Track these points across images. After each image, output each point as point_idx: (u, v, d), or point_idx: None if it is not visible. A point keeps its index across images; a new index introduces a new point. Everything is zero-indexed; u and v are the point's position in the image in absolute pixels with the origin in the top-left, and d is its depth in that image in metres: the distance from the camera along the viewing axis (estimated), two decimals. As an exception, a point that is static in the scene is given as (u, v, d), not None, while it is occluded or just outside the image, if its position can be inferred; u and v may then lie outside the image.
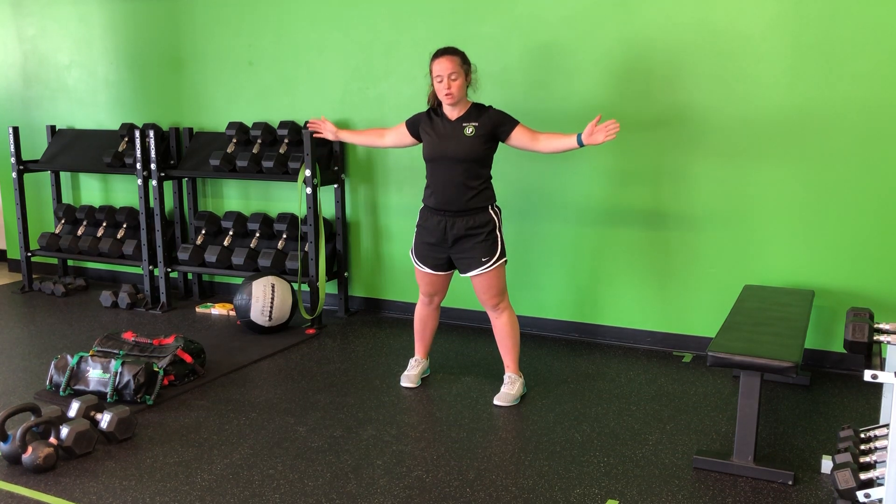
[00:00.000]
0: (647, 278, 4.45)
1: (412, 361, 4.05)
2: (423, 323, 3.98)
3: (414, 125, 3.75)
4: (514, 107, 4.54)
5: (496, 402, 3.72)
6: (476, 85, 3.69)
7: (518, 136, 3.61)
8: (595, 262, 4.56)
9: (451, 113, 3.62)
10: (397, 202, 5.05)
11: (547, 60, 4.47)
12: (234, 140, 5.28)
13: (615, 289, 4.55)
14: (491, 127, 3.59)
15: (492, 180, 3.69)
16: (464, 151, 3.56)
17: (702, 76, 4.14)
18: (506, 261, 3.70)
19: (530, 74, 4.52)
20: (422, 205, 3.76)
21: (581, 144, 3.53)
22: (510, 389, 3.75)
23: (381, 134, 3.94)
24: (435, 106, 3.70)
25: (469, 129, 3.56)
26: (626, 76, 4.29)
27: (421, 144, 3.75)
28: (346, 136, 4.06)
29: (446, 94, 3.53)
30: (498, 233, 3.66)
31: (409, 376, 3.97)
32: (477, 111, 3.62)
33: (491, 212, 3.65)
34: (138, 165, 5.29)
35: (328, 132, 4.08)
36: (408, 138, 3.80)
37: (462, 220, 3.60)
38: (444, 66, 3.53)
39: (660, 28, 4.18)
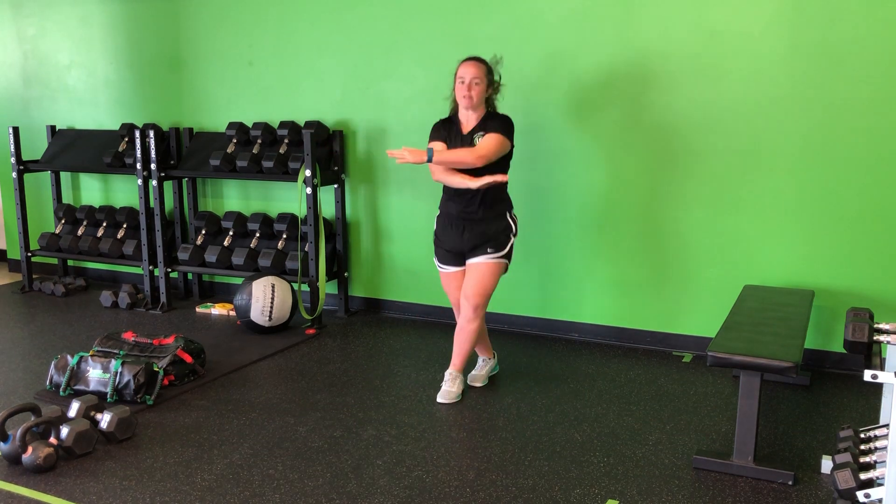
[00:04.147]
0: (648, 278, 4.45)
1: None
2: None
3: (439, 134, 3.70)
4: (514, 107, 4.55)
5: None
6: (495, 100, 3.70)
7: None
8: (594, 263, 4.56)
9: (467, 120, 3.65)
10: (397, 202, 5.05)
11: (547, 61, 4.47)
12: (234, 140, 5.28)
13: (615, 289, 4.54)
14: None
15: (507, 188, 3.70)
16: None
17: (701, 76, 4.14)
18: (507, 266, 3.72)
19: (530, 74, 4.51)
20: (437, 212, 3.78)
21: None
22: (451, 386, 3.77)
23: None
24: (453, 113, 3.72)
25: (478, 139, 3.59)
26: (625, 76, 4.29)
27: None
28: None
29: (464, 97, 3.57)
30: (511, 236, 3.68)
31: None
32: (488, 118, 3.63)
33: (508, 218, 3.68)
34: (138, 165, 5.29)
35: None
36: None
37: (478, 227, 3.63)
38: (469, 70, 3.58)
39: (659, 28, 4.18)
